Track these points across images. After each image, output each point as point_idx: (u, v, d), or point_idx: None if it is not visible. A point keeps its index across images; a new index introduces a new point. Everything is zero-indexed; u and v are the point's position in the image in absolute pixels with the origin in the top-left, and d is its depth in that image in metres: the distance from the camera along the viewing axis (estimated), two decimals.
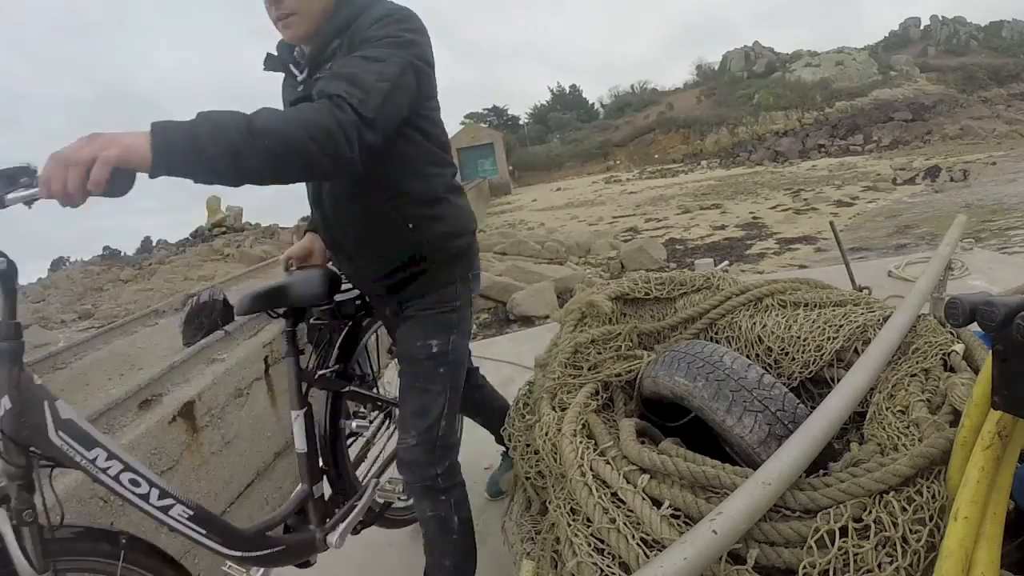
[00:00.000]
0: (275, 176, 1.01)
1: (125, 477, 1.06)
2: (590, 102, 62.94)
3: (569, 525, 1.07)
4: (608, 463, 1.11)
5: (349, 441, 1.69)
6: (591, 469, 1.11)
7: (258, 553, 1.29)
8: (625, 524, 0.99)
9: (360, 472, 1.71)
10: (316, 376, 1.52)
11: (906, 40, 55.40)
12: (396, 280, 1.39)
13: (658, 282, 1.83)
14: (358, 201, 1.32)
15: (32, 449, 0.96)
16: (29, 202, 0.89)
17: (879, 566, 0.83)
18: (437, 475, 1.38)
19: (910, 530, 0.85)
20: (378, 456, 1.77)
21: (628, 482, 1.05)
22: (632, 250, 12.23)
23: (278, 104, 1.39)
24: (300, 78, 1.32)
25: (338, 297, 1.55)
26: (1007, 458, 0.81)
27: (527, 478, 1.44)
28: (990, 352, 0.77)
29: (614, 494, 1.05)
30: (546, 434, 1.31)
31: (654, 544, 0.95)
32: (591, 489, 1.07)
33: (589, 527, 1.04)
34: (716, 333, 1.64)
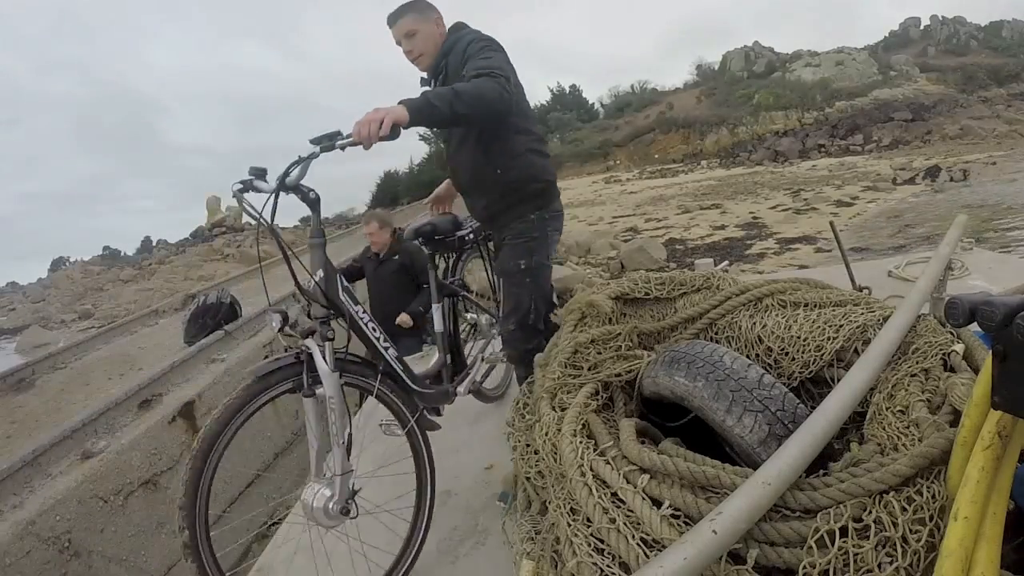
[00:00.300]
0: (476, 115, 1.70)
1: (371, 325, 1.68)
2: (590, 102, 62.74)
3: (569, 525, 1.07)
4: (608, 463, 1.11)
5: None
6: (591, 469, 1.11)
7: (422, 390, 1.86)
8: (625, 524, 0.99)
9: (467, 352, 2.45)
10: (447, 282, 2.34)
11: (906, 40, 55.33)
12: (492, 210, 2.13)
13: (658, 282, 1.83)
14: (467, 153, 2.07)
15: (329, 303, 1.54)
16: (344, 147, 1.48)
17: (879, 566, 0.83)
18: (529, 348, 2.02)
19: (910, 530, 0.85)
20: (476, 342, 2.57)
21: (628, 482, 1.06)
22: (632, 250, 12.21)
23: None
24: (429, 87, 2.08)
25: (459, 233, 2.34)
26: (1007, 458, 0.81)
27: (527, 478, 1.44)
28: (990, 352, 0.77)
29: (614, 494, 1.05)
30: (546, 434, 1.31)
31: (654, 544, 0.95)
32: (591, 489, 1.07)
33: (589, 527, 1.04)
34: (716, 333, 1.64)
